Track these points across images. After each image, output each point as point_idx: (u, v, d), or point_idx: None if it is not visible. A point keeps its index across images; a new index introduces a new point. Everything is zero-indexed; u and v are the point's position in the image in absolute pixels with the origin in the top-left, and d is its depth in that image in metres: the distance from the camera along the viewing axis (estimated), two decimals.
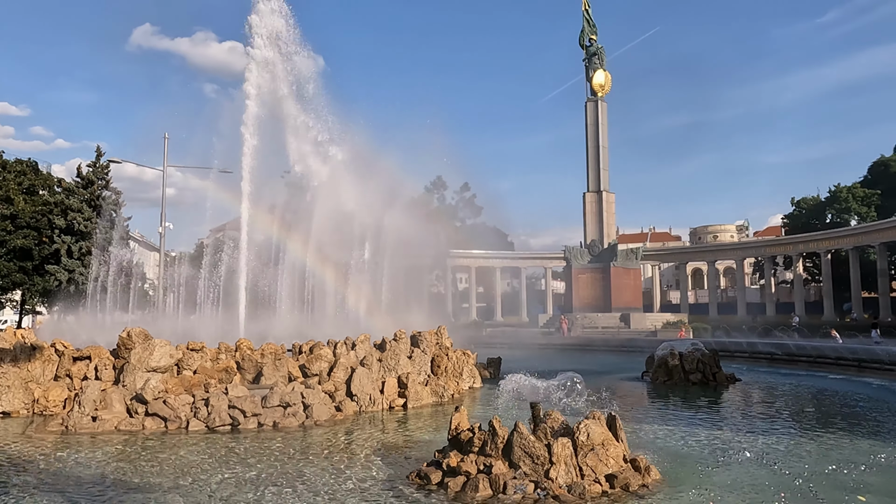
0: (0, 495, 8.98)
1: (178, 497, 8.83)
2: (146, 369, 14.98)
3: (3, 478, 9.93)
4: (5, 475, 10.09)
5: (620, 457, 9.19)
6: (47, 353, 16.53)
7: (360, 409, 15.82)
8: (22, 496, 8.93)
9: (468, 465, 8.94)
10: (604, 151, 63.96)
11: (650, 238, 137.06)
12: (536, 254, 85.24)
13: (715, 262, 78.46)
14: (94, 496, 8.99)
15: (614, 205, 64.28)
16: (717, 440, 12.76)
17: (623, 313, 57.34)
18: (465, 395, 19.42)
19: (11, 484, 9.57)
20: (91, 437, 13.02)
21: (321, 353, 16.80)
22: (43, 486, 9.43)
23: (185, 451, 11.75)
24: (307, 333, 22.35)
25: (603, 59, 65.01)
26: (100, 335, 23.95)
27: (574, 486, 8.53)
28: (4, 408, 15.26)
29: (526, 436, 8.87)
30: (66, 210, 53.21)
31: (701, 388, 21.19)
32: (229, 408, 13.65)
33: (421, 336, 19.16)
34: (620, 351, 37.24)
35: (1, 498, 8.86)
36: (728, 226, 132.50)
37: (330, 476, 9.93)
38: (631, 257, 62.21)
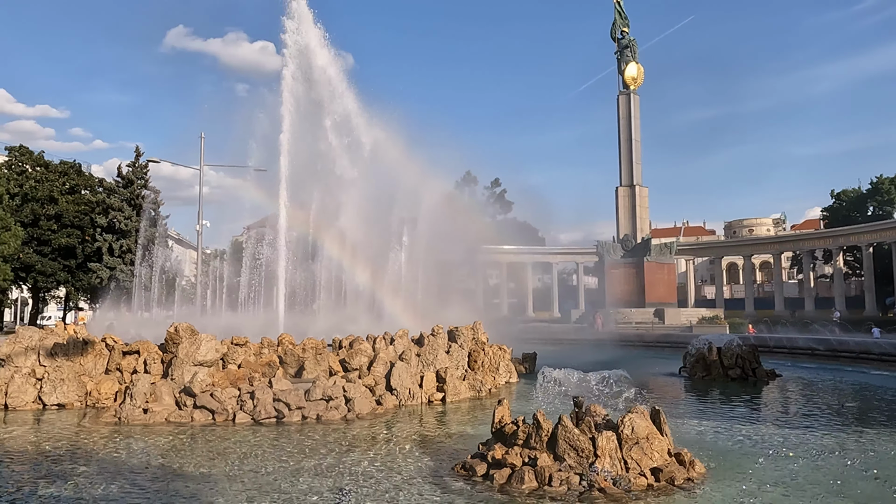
0: (66, 483, 9.40)
1: (234, 486, 9.13)
2: (193, 363, 15.43)
3: (67, 467, 10.38)
4: (69, 464, 10.54)
5: (665, 451, 9.23)
6: (98, 347, 17.13)
7: (400, 403, 16.07)
8: (86, 484, 9.34)
9: (513, 457, 9.08)
10: (636, 145, 63.30)
11: (683, 232, 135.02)
12: (568, 249, 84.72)
13: (751, 256, 77.09)
14: (151, 484, 9.35)
15: (647, 199, 63.60)
16: (758, 435, 12.68)
17: (657, 308, 56.74)
18: (502, 390, 19.55)
19: (75, 473, 9.99)
20: (143, 429, 13.47)
21: (361, 348, 17.09)
22: (104, 475, 9.83)
23: (235, 442, 12.11)
24: (345, 329, 22.73)
25: (635, 51, 64.25)
26: (141, 330, 24.70)
27: (619, 478, 8.60)
28: (59, 400, 15.87)
29: (570, 429, 8.96)
30: (108, 209, 54.75)
31: (740, 384, 20.97)
32: (274, 401, 13.99)
33: (458, 331, 19.34)
34: (656, 346, 36.94)
35: (67, 485, 9.28)
36: (764, 219, 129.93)
37: (377, 468, 10.16)
38: (665, 252, 61.49)
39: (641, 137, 64.14)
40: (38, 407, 15.91)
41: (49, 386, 15.83)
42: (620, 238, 63.12)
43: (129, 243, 54.29)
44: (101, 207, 54.93)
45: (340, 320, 25.00)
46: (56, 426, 13.93)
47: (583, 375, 10.98)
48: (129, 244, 54.29)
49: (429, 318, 28.23)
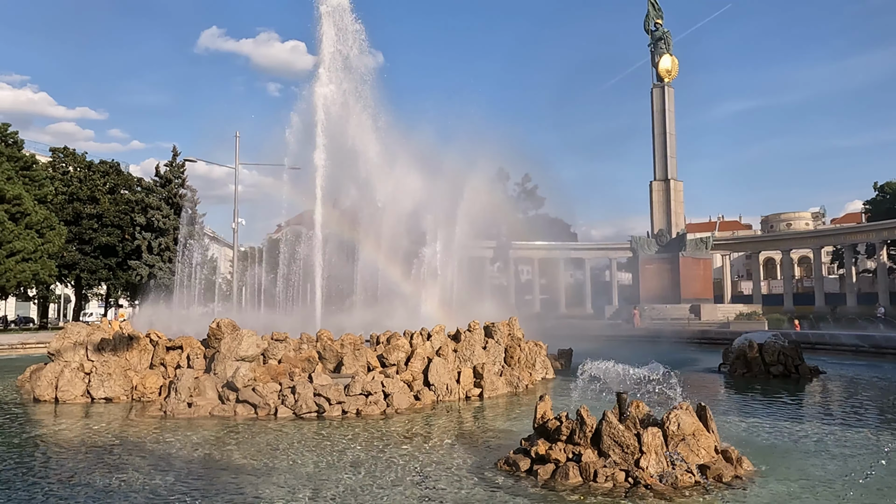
0: (118, 474, 9.66)
1: (281, 479, 9.28)
2: (235, 358, 15.70)
3: (118, 459, 10.67)
4: (120, 456, 10.83)
5: (712, 447, 9.10)
6: (143, 343, 17.55)
7: (438, 399, 16.12)
8: (137, 475, 9.58)
9: (557, 452, 9.05)
10: (671, 138, 62.36)
11: (718, 227, 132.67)
12: (601, 244, 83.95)
13: (790, 251, 75.43)
14: (200, 477, 9.55)
15: (682, 193, 62.64)
16: (804, 433, 12.41)
17: (693, 304, 55.87)
18: (539, 386, 19.48)
19: (127, 464, 10.27)
20: (188, 422, 13.76)
21: (398, 344, 17.19)
22: (154, 467, 10.07)
23: (278, 436, 12.29)
24: (381, 324, 22.83)
25: (669, 43, 63.26)
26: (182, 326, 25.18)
27: (666, 475, 8.51)
28: (107, 394, 16.31)
29: (615, 425, 8.89)
30: (147, 208, 55.95)
31: (782, 381, 20.54)
32: (315, 395, 14.16)
33: (494, 327, 19.32)
34: (693, 343, 36.39)
35: (119, 476, 9.53)
36: (802, 213, 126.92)
37: (419, 462, 10.22)
38: (700, 247, 60.52)
39: (676, 131, 63.21)
40: (86, 400, 16.38)
41: (97, 380, 16.27)
42: (655, 233, 62.30)
43: (168, 241, 55.43)
44: (140, 206, 56.18)
45: (376, 316, 25.13)
46: (105, 419, 14.31)
47: (624, 370, 10.86)
48: (168, 242, 55.42)
49: (461, 314, 28.22)
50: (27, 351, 34.13)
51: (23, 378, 19.76)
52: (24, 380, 19.47)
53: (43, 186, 48.49)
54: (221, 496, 8.55)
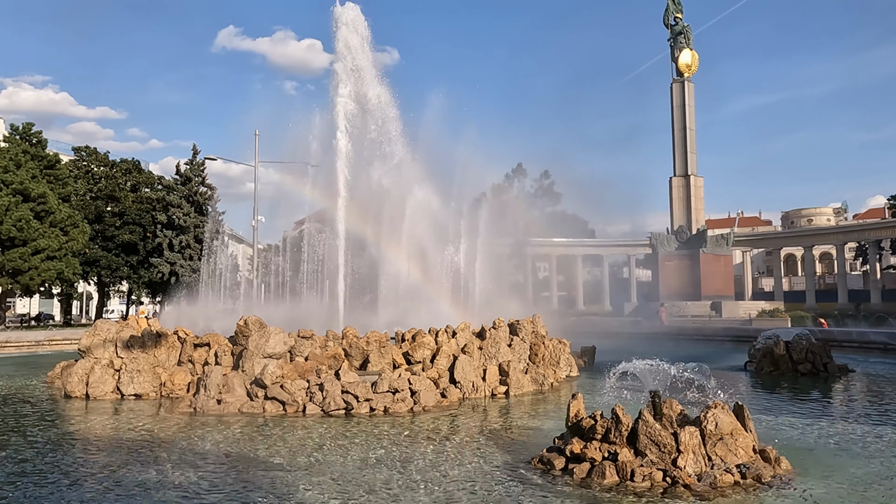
0: (152, 468, 9.75)
1: (314, 476, 9.31)
2: (262, 355, 15.79)
3: (151, 454, 10.77)
4: (154, 452, 10.94)
5: (750, 447, 8.98)
6: (171, 340, 17.72)
7: (464, 396, 16.10)
8: (170, 470, 9.66)
9: (592, 451, 8.98)
10: (691, 134, 61.74)
11: (738, 223, 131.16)
12: (619, 241, 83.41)
13: (812, 247, 74.41)
14: (232, 472, 9.60)
15: (703, 189, 62.03)
16: (838, 432, 12.23)
17: (714, 301, 55.35)
18: (563, 384, 19.39)
19: (160, 460, 10.36)
20: (217, 419, 13.85)
21: (424, 342, 17.19)
22: (186, 462, 10.16)
23: (308, 433, 12.34)
24: (403, 322, 22.86)
25: (689, 37, 62.58)
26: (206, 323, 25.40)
27: (704, 475, 8.42)
28: (136, 390, 16.49)
29: (652, 424, 8.81)
30: (167, 206, 56.44)
31: (811, 379, 20.26)
32: (342, 393, 14.21)
33: (519, 324, 19.26)
34: (716, 340, 36.03)
35: (152, 471, 9.62)
36: (824, 208, 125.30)
37: (451, 460, 10.21)
38: (721, 243, 59.90)
39: (696, 126, 62.57)
40: (116, 397, 16.56)
41: (126, 377, 16.45)
42: (675, 229, 61.78)
43: (188, 239, 55.89)
44: (161, 204, 56.69)
45: (396, 313, 25.17)
46: (136, 415, 14.46)
47: (655, 368, 10.76)
48: (188, 240, 55.89)
49: (480, 312, 28.15)
50: (53, 347, 34.61)
51: (53, 374, 20.06)
52: (55, 376, 19.77)
53: (67, 185, 49.10)
54: (258, 491, 8.61)
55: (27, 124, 49.38)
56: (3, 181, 40.93)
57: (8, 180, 41.17)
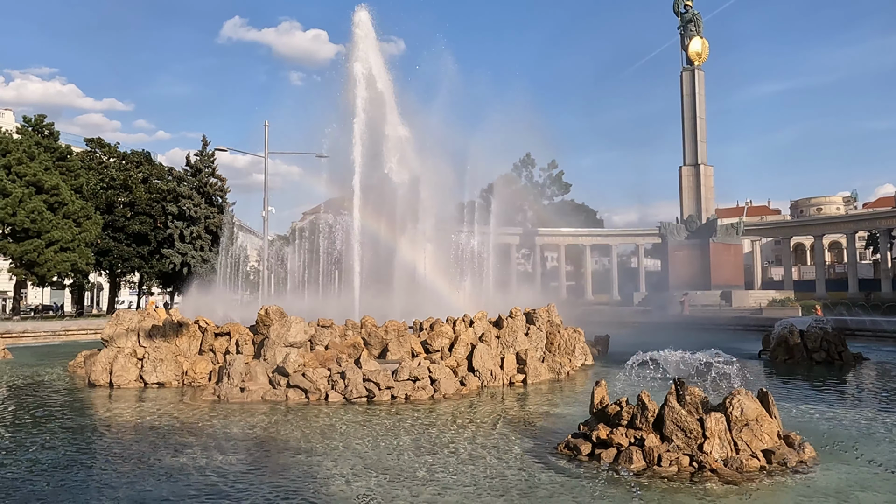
0: (186, 453, 9.95)
1: (342, 461, 9.48)
2: (284, 344, 15.99)
3: (184, 439, 10.99)
4: (184, 437, 11.16)
5: (774, 433, 9.10)
6: (192, 329, 17.93)
7: (482, 384, 16.27)
8: (201, 456, 9.86)
9: (619, 437, 9.12)
10: (701, 123, 61.47)
11: (746, 212, 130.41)
12: (628, 231, 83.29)
13: (822, 236, 74.09)
14: (262, 458, 9.80)
15: (713, 178, 61.83)
16: (858, 419, 12.35)
17: (724, 291, 55.32)
18: (579, 372, 19.54)
19: (190, 445, 10.57)
20: (241, 406, 14.07)
21: (442, 330, 17.34)
22: (216, 448, 10.36)
23: (333, 420, 12.53)
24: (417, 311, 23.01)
25: (699, 25, 62.17)
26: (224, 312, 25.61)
27: (730, 460, 8.54)
28: (159, 379, 16.73)
29: (678, 410, 8.93)
30: (178, 197, 56.69)
31: (826, 368, 20.34)
32: (364, 381, 14.39)
33: (535, 313, 19.38)
34: (727, 329, 36.08)
35: (186, 455, 9.82)
36: (833, 197, 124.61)
37: (478, 445, 10.37)
38: (731, 232, 59.78)
39: (706, 115, 62.28)
40: (139, 385, 16.81)
41: (149, 365, 16.69)
42: (684, 219, 61.68)
43: (199, 230, 56.15)
44: (171, 195, 56.94)
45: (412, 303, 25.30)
46: (161, 403, 14.70)
47: (679, 357, 10.87)
48: (199, 231, 56.16)
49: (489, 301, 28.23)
50: (69, 337, 35.01)
51: (74, 363, 20.35)
52: (76, 365, 20.06)
53: (78, 176, 49.38)
54: (292, 475, 8.80)
55: (39, 116, 49.62)
56: (17, 173, 41.24)
57: (22, 172, 41.47)
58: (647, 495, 7.74)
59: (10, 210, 39.35)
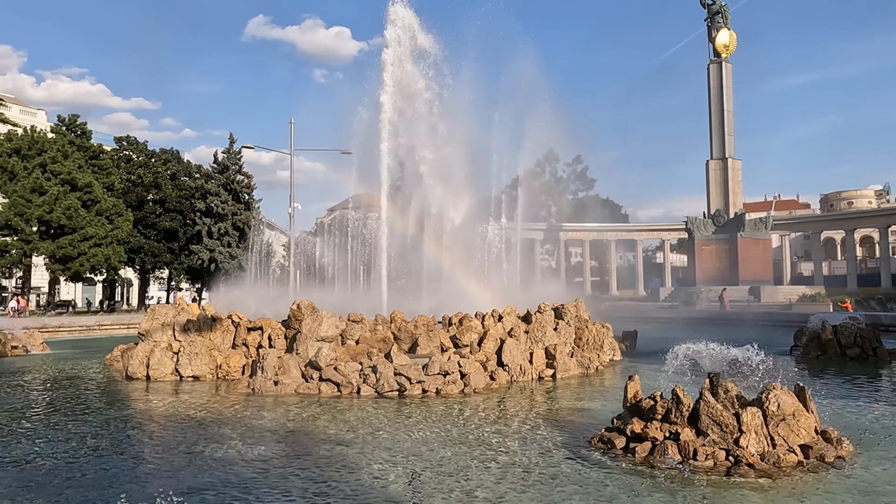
0: (225, 444, 10.20)
1: (379, 453, 9.65)
2: (316, 339, 16.22)
3: (222, 431, 11.25)
4: (222, 429, 11.42)
5: (812, 428, 9.06)
6: (225, 324, 18.27)
7: (512, 379, 16.35)
8: (241, 447, 10.09)
9: (653, 431, 9.14)
10: (728, 116, 60.61)
11: (774, 206, 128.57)
12: (653, 225, 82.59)
13: (854, 230, 72.73)
14: (301, 449, 9.98)
15: (741, 172, 60.97)
16: (891, 416, 12.17)
17: (752, 286, 54.57)
18: (608, 368, 19.51)
19: (231, 436, 10.83)
20: (275, 399, 14.32)
21: (471, 325, 17.43)
22: (254, 440, 10.59)
23: (366, 413, 12.71)
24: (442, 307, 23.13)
25: (727, 17, 61.25)
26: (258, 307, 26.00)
27: (767, 454, 8.52)
28: (194, 372, 17.08)
29: (714, 404, 8.93)
30: (206, 194, 57.51)
31: (860, 364, 20.03)
32: (395, 375, 14.55)
33: (564, 308, 19.39)
34: (757, 325, 35.55)
35: (226, 446, 10.06)
36: (864, 191, 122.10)
37: (512, 439, 10.47)
38: (760, 227, 58.91)
39: (733, 108, 61.41)
40: (175, 378, 17.19)
41: (185, 359, 17.05)
42: (711, 213, 60.91)
43: (226, 226, 56.94)
44: (199, 192, 57.79)
45: (440, 299, 25.44)
46: (198, 396, 15.02)
47: (713, 352, 10.86)
48: (227, 227, 56.95)
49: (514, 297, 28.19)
50: (103, 332, 35.82)
51: (111, 357, 20.87)
52: (113, 359, 20.57)
53: (110, 174, 50.37)
54: (330, 464, 9.00)
55: (72, 116, 50.70)
56: (53, 171, 42.22)
57: (57, 170, 42.45)
58: (684, 489, 7.76)
59: (47, 208, 40.33)
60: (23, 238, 41.29)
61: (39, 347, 25.61)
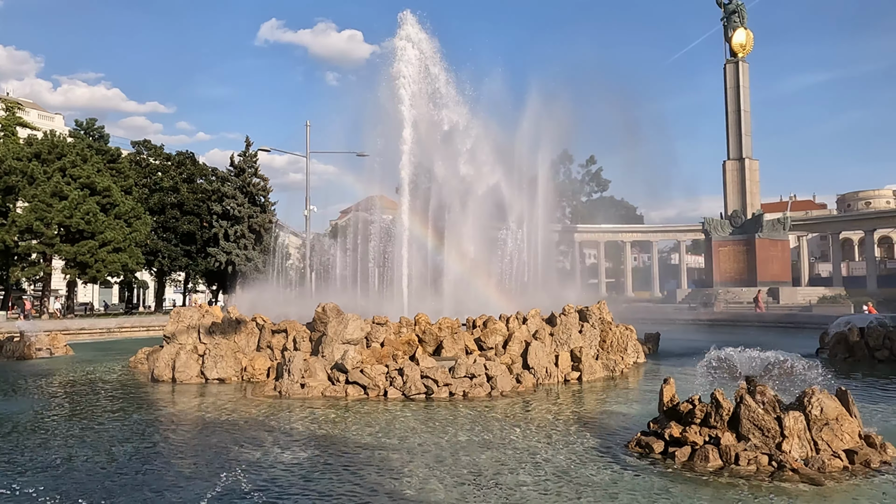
0: (259, 447, 10.19)
1: (417, 457, 9.59)
2: (341, 341, 16.21)
3: (254, 433, 11.24)
4: (255, 432, 11.41)
5: (855, 433, 8.91)
6: (250, 326, 18.31)
7: (537, 382, 16.24)
8: (277, 450, 10.08)
9: (693, 435, 9.02)
10: (745, 116, 60.19)
11: (790, 207, 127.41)
12: (669, 226, 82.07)
13: (873, 230, 71.92)
14: (342, 451, 9.95)
15: (758, 172, 60.48)
16: None
17: (770, 287, 54.12)
18: (632, 370, 19.35)
19: (263, 439, 10.81)
20: (302, 402, 14.29)
21: (495, 328, 17.36)
22: (294, 442, 10.59)
23: (397, 416, 12.67)
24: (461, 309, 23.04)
25: (743, 16, 60.83)
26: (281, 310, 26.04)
27: (811, 459, 8.38)
28: (220, 374, 17.13)
29: (755, 408, 8.80)
30: (222, 197, 57.81)
31: (889, 366, 19.74)
32: (422, 377, 14.50)
33: (588, 310, 19.26)
34: (778, 327, 35.28)
35: (259, 449, 10.05)
36: (883, 190, 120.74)
37: (541, 443, 10.37)
38: (778, 228, 58.43)
39: (750, 107, 60.92)
40: (200, 380, 17.24)
41: (210, 361, 17.10)
42: (729, 214, 60.48)
43: (243, 229, 57.20)
44: (216, 195, 58.10)
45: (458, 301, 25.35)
46: (225, 399, 15.04)
47: (748, 355, 10.73)
48: (243, 230, 57.20)
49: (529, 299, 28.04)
50: (123, 334, 36.09)
51: (135, 359, 20.97)
52: (137, 361, 20.67)
53: (128, 178, 50.77)
54: (365, 468, 8.96)
55: (90, 120, 51.21)
56: (72, 176, 42.59)
57: (76, 174, 42.81)
58: (729, 494, 7.65)
59: (68, 213, 40.67)
60: (44, 242, 41.68)
61: (63, 350, 25.82)
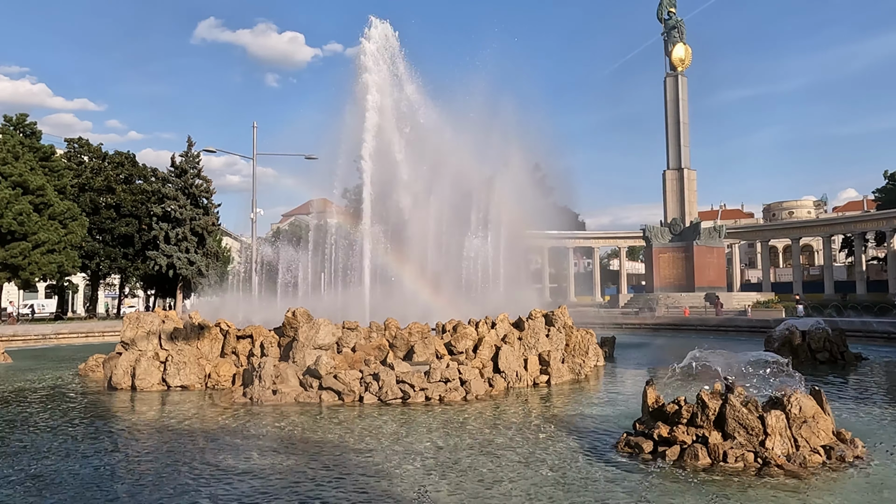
0: (239, 455, 9.93)
1: (408, 461, 9.57)
2: (313, 346, 15.98)
3: (233, 440, 10.95)
4: (233, 439, 11.10)
5: (830, 430, 9.45)
6: (214, 332, 17.80)
7: (509, 385, 16.45)
8: (254, 457, 9.84)
9: (681, 435, 9.37)
10: (684, 128, 62.69)
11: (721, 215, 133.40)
12: (611, 233, 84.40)
13: (799, 239, 76.05)
14: (330, 457, 9.79)
15: (696, 182, 63.03)
16: (883, 416, 12.79)
17: (708, 293, 56.39)
18: (593, 373, 19.82)
19: (244, 447, 10.53)
20: (274, 408, 14.00)
21: (465, 332, 17.48)
22: (276, 450, 10.35)
23: (378, 421, 12.58)
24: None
25: (683, 32, 63.44)
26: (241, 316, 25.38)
27: (793, 456, 8.85)
28: (182, 382, 16.57)
29: (739, 408, 9.22)
30: (163, 198, 55.80)
31: (830, 367, 20.95)
32: (398, 382, 14.46)
33: (554, 315, 19.63)
34: (719, 331, 36.81)
35: (241, 457, 9.79)
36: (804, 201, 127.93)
37: (534, 445, 10.52)
38: (714, 236, 61.01)
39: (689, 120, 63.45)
40: (162, 388, 16.63)
41: (173, 368, 16.53)
42: (668, 222, 62.75)
43: (185, 231, 55.37)
44: (156, 197, 56.05)
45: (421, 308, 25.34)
46: (191, 406, 14.56)
47: (729, 359, 11.21)
48: (185, 232, 55.36)
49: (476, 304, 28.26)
50: (60, 340, 34.37)
51: (86, 366, 20.03)
52: (89, 368, 19.76)
53: (62, 177, 48.37)
54: (352, 473, 8.88)
55: (21, 115, 48.49)
56: (3, 173, 40.27)
57: (7, 172, 40.51)
58: (723, 490, 7.99)
59: None
60: None
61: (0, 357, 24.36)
